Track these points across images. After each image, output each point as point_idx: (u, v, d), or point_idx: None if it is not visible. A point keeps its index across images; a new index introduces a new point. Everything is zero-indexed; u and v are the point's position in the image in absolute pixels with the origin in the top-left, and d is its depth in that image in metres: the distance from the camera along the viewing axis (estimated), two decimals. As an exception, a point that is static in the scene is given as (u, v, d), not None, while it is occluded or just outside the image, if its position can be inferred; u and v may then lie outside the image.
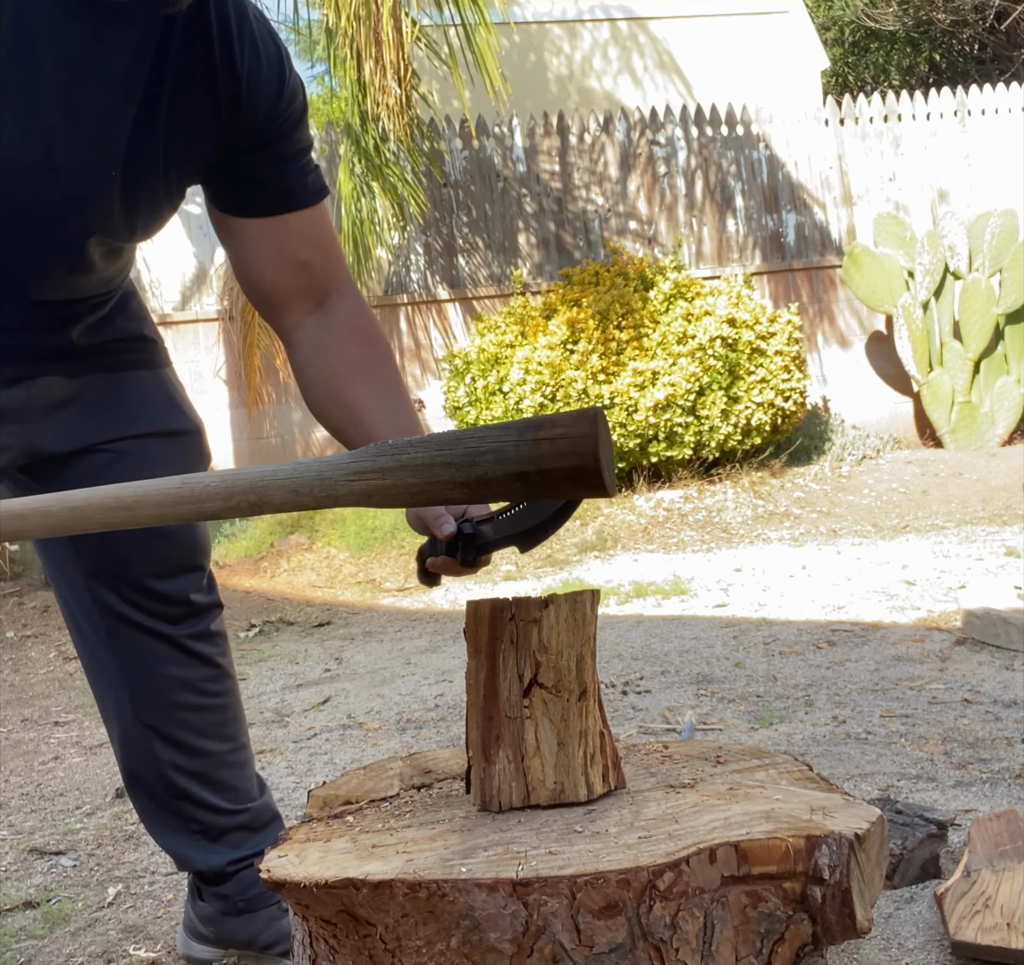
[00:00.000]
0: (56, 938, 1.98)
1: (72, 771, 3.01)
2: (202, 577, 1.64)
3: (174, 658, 1.61)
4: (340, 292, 1.42)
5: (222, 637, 1.67)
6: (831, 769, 2.47)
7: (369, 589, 5.51)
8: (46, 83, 1.21)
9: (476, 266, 7.82)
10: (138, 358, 1.58)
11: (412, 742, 2.96)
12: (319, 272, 1.40)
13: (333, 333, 1.39)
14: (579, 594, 1.12)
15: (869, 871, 0.99)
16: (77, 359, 1.50)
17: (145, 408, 1.56)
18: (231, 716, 1.69)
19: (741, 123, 8.25)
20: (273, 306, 1.41)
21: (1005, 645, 3.40)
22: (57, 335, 1.46)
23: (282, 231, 1.37)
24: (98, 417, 1.52)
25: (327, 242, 1.42)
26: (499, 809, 1.09)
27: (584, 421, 0.89)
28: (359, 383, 1.36)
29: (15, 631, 4.93)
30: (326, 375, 1.38)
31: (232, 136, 1.32)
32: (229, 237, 1.40)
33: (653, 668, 3.51)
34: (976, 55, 14.28)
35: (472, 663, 1.12)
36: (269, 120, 1.33)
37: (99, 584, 1.57)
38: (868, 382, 8.38)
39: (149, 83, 1.26)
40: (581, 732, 1.11)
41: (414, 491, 0.95)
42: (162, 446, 1.57)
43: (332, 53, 6.57)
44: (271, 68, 1.32)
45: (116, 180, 1.30)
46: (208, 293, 7.39)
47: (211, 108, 1.30)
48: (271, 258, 1.38)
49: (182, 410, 1.62)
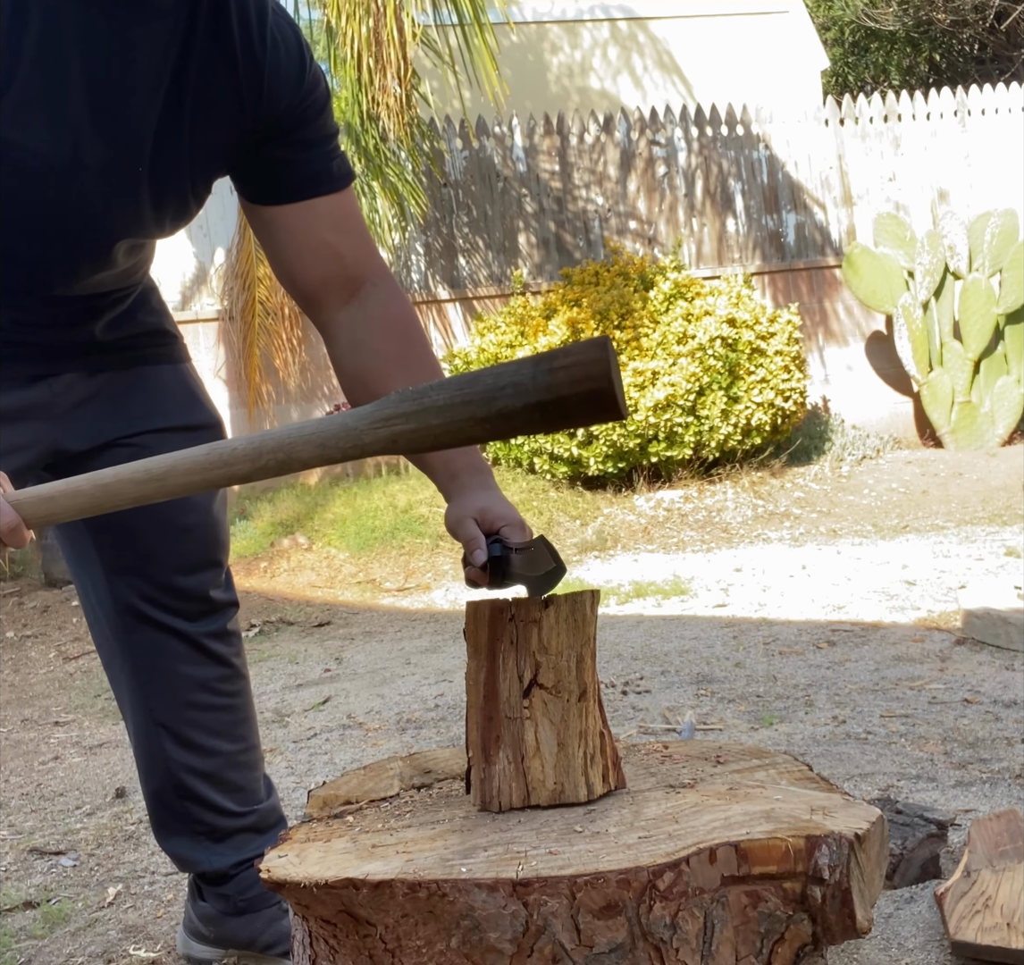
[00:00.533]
0: (56, 938, 1.98)
1: (72, 771, 3.01)
2: (221, 573, 1.64)
3: (190, 657, 1.61)
4: (373, 281, 1.42)
5: (237, 637, 1.67)
6: (831, 769, 2.47)
7: (369, 589, 5.51)
8: (73, 83, 1.23)
9: (476, 266, 7.82)
10: (159, 353, 1.58)
11: (412, 742, 2.96)
12: (350, 260, 1.40)
13: (367, 327, 1.40)
14: (579, 594, 1.12)
15: (869, 871, 0.99)
16: (99, 355, 1.50)
17: (167, 402, 1.57)
18: (243, 716, 1.69)
19: (741, 123, 8.25)
20: (308, 299, 1.42)
21: (1005, 645, 3.40)
22: (80, 330, 1.47)
23: (310, 217, 1.38)
24: (120, 412, 1.53)
25: (356, 228, 1.43)
26: (499, 809, 1.09)
27: (595, 347, 0.91)
28: (394, 378, 1.36)
29: (15, 631, 4.93)
30: (361, 371, 1.39)
31: (255, 125, 1.34)
32: (262, 228, 1.41)
33: (653, 668, 3.51)
34: (976, 55, 14.27)
35: (472, 664, 1.12)
36: (291, 107, 1.35)
37: (119, 580, 1.58)
38: (868, 382, 8.38)
39: (173, 78, 1.28)
40: (581, 732, 1.11)
41: (438, 433, 0.96)
42: (184, 440, 1.56)
43: (332, 53, 6.57)
44: (291, 57, 1.34)
45: (144, 176, 1.32)
46: (208, 293, 7.39)
47: (234, 99, 1.32)
48: (302, 246, 1.39)
49: (203, 404, 1.62)
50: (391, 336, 1.40)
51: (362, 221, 1.45)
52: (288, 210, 1.38)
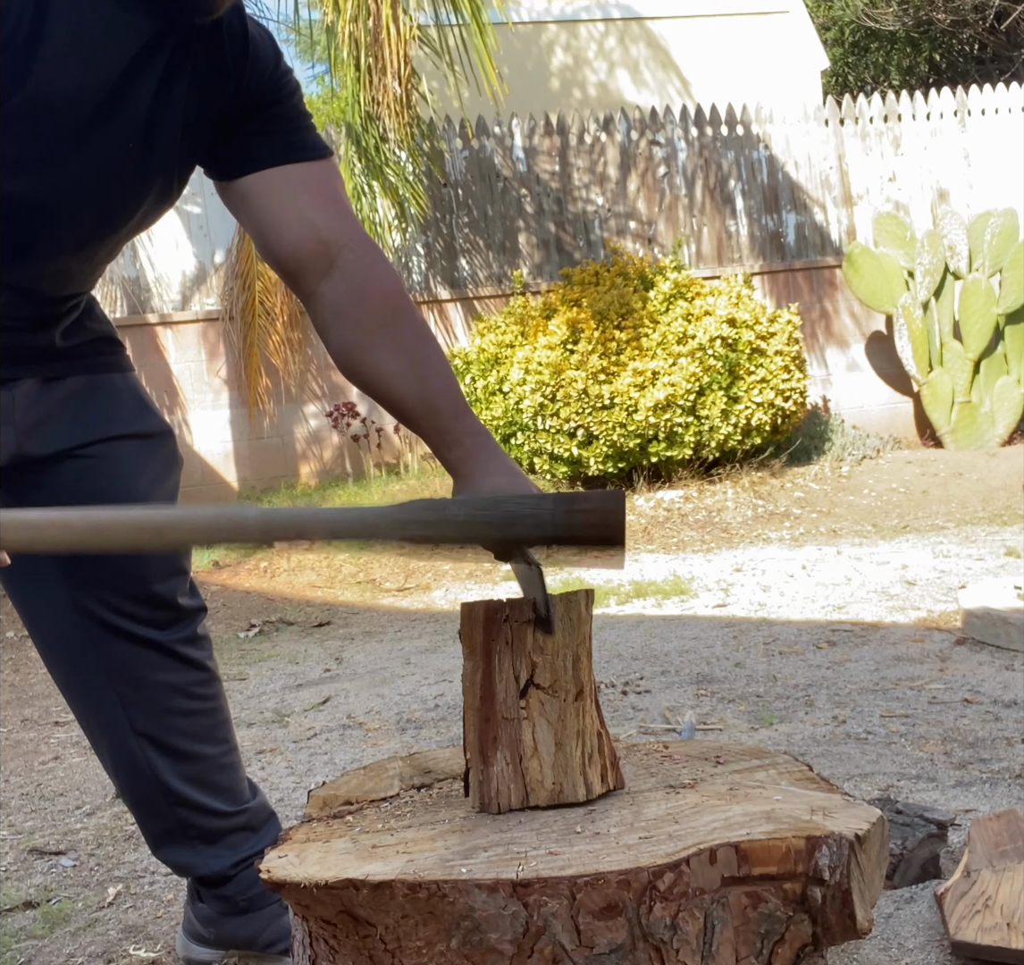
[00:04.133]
0: (56, 938, 1.98)
1: (72, 771, 3.01)
2: (187, 580, 1.64)
3: (164, 664, 1.61)
4: (351, 247, 1.41)
5: (208, 641, 1.67)
6: (831, 769, 2.47)
7: (369, 589, 5.51)
8: (60, 61, 1.25)
9: (476, 266, 7.82)
10: (110, 361, 1.58)
11: (412, 742, 2.96)
12: (324, 226, 1.40)
13: (348, 297, 1.39)
14: (574, 594, 1.12)
15: (869, 872, 0.99)
16: (57, 361, 1.50)
17: (121, 411, 1.57)
18: (221, 719, 1.69)
19: (741, 123, 8.25)
20: (287, 270, 1.42)
21: (1005, 645, 3.40)
22: (41, 335, 1.47)
23: (284, 184, 1.40)
24: (77, 420, 1.52)
25: (332, 196, 1.43)
26: (498, 811, 1.09)
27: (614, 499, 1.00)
28: (379, 348, 1.36)
29: (15, 631, 4.93)
30: (346, 343, 1.39)
31: (239, 98, 1.39)
32: (239, 204, 1.43)
33: (653, 668, 3.51)
34: (976, 55, 14.27)
35: (468, 665, 1.12)
36: (270, 82, 1.42)
37: (84, 594, 1.56)
38: (868, 382, 8.38)
39: (171, 54, 1.34)
40: (578, 732, 1.10)
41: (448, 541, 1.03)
42: (138, 447, 1.57)
43: (332, 53, 6.57)
44: (266, 42, 1.43)
45: (135, 151, 1.34)
46: (208, 293, 7.39)
47: (220, 73, 1.38)
48: (277, 216, 1.40)
49: (154, 412, 1.62)
50: (373, 304, 1.39)
51: (340, 192, 1.46)
52: (263, 178, 1.40)
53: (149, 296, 7.28)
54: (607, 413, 6.42)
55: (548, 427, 6.53)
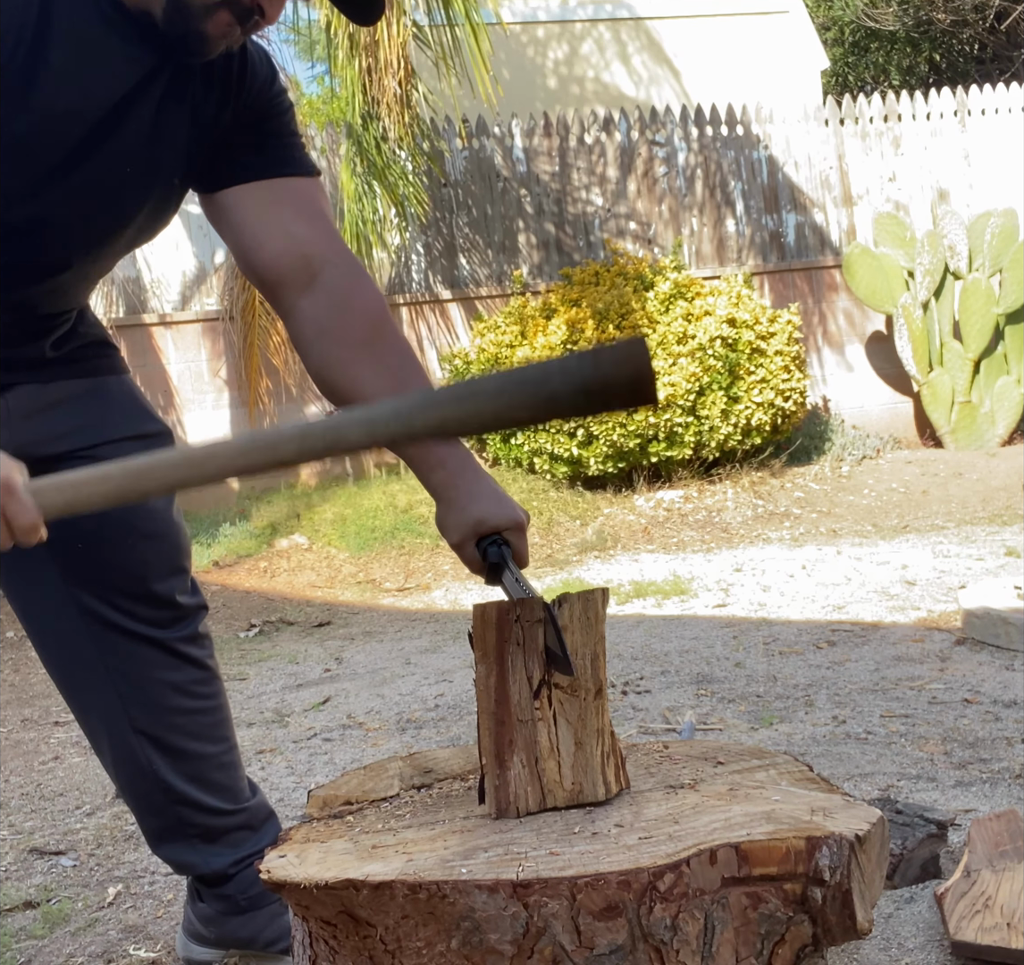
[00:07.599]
0: (56, 938, 1.98)
1: (72, 771, 3.01)
2: (187, 579, 1.64)
3: (165, 662, 1.61)
4: (334, 263, 1.41)
5: (209, 639, 1.67)
6: (831, 769, 2.47)
7: (369, 589, 5.51)
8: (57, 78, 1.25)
9: (476, 266, 7.82)
10: (104, 364, 1.58)
11: (412, 742, 2.96)
12: (306, 241, 1.40)
13: (329, 311, 1.39)
14: (590, 592, 1.12)
15: (869, 872, 0.99)
16: (51, 367, 1.50)
17: (118, 413, 1.57)
18: (222, 717, 1.69)
19: (741, 123, 8.25)
20: (267, 283, 1.42)
21: (1005, 645, 3.40)
22: (31, 347, 1.47)
23: (269, 198, 1.41)
24: (74, 424, 1.52)
25: (316, 213, 1.44)
26: (517, 815, 1.08)
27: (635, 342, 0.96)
28: (359, 366, 1.35)
29: (15, 631, 4.92)
30: (326, 359, 1.38)
31: (235, 115, 1.41)
32: (222, 217, 1.43)
33: (653, 668, 3.51)
34: (976, 55, 14.27)
35: (481, 668, 1.10)
36: (265, 102, 1.43)
37: (85, 592, 1.56)
38: (868, 382, 8.38)
39: (168, 85, 1.35)
40: (598, 730, 1.10)
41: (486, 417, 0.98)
42: (138, 449, 1.56)
43: (332, 53, 6.56)
44: (264, 62, 1.46)
45: (133, 175, 1.35)
46: (208, 293, 7.39)
47: (219, 101, 1.39)
48: (259, 230, 1.40)
49: (150, 413, 1.62)
50: (355, 322, 1.39)
51: (325, 210, 1.46)
52: (249, 190, 1.41)
53: (149, 296, 7.28)
54: (607, 413, 6.41)
55: (548, 427, 6.53)
